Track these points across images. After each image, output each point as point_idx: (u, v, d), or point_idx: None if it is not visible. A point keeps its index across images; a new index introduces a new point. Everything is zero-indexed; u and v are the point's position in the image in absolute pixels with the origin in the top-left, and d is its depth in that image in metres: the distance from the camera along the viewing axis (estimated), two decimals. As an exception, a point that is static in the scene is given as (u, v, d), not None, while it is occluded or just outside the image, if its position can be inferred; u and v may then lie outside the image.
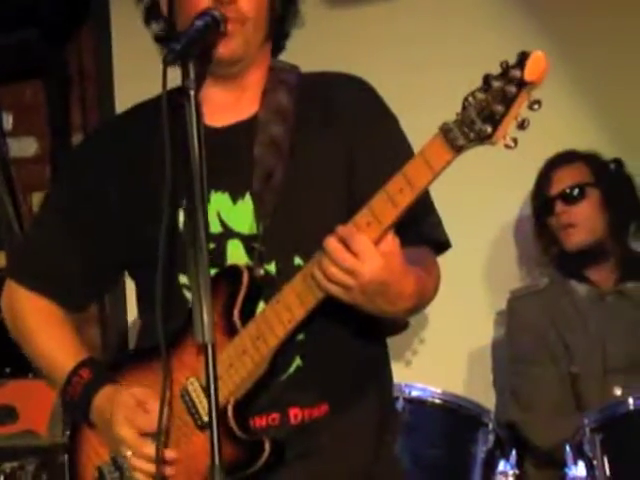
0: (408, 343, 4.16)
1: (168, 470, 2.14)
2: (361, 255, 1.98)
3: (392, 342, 4.06)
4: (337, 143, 2.23)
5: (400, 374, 3.14)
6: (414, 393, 3.36)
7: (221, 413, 1.96)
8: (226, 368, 2.06)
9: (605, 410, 3.34)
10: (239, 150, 2.24)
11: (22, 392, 3.94)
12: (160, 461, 2.11)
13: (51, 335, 2.35)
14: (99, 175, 2.33)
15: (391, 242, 2.01)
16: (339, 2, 4.40)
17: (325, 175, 2.22)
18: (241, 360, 2.11)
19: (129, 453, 2.16)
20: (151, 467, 2.13)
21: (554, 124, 4.11)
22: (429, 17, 4.31)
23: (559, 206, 3.88)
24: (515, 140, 1.88)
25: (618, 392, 3.69)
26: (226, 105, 2.28)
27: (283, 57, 2.39)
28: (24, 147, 4.69)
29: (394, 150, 2.21)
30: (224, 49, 2.17)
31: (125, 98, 4.19)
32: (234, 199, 2.22)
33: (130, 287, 2.43)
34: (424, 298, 2.17)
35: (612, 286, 3.89)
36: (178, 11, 2.24)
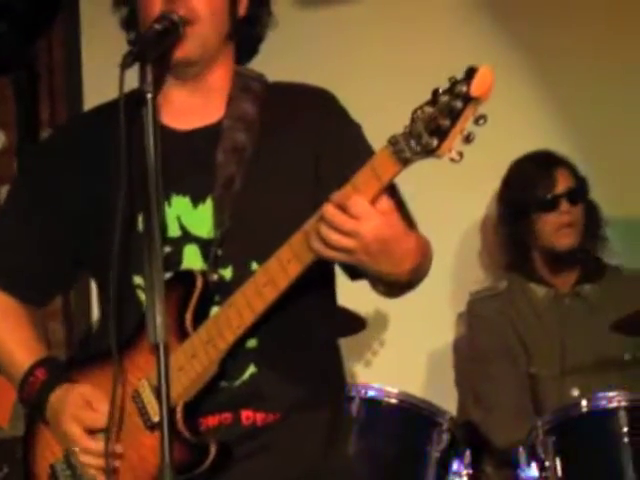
0: (369, 344, 4.18)
1: (116, 463, 2.17)
2: (360, 216, 1.97)
3: (353, 342, 4.12)
4: (301, 152, 2.25)
5: (360, 375, 3.17)
6: (370, 393, 3.37)
7: (170, 415, 1.98)
8: (175, 371, 2.06)
9: (558, 412, 3.37)
10: (202, 154, 2.25)
11: (-16, 385, 3.94)
12: (109, 455, 2.13)
13: (10, 331, 2.37)
14: (60, 174, 2.34)
15: (386, 202, 2.00)
16: (310, 3, 4.41)
17: (288, 183, 2.24)
18: (190, 364, 2.13)
19: (77, 449, 2.19)
20: (99, 461, 2.17)
21: (518, 128, 4.16)
22: (402, 18, 4.31)
23: (564, 205, 3.83)
24: (461, 154, 1.91)
25: (575, 393, 3.73)
26: (191, 109, 2.29)
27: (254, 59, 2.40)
28: (-8, 141, 4.68)
29: (359, 157, 2.17)
30: (180, 52, 2.19)
31: (94, 94, 4.20)
32: (195, 203, 2.23)
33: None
34: (426, 258, 2.16)
35: (569, 288, 3.92)
36: (139, 11, 2.25)
